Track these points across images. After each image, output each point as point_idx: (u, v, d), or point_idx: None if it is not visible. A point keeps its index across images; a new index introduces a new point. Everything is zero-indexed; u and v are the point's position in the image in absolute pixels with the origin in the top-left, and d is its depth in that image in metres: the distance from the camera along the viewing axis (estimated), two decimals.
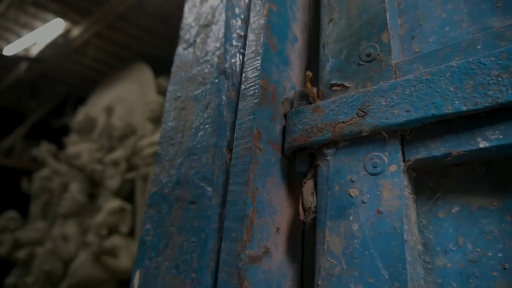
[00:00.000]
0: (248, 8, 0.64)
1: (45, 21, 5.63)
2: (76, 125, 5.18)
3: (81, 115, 5.28)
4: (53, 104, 8.76)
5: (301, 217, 0.45)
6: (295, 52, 0.59)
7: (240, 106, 0.51)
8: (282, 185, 0.50)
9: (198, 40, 0.66)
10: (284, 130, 0.53)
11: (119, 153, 4.49)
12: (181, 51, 0.68)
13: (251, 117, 0.48)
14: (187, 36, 0.69)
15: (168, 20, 5.36)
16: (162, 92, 3.68)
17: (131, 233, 3.83)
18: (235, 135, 0.50)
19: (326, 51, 0.51)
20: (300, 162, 0.49)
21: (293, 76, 0.58)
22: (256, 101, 0.49)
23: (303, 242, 0.52)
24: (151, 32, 5.67)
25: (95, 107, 6.06)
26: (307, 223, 0.45)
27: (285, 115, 0.53)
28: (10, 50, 6.25)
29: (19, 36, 6.09)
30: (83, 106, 6.30)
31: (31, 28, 5.85)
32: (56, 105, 8.77)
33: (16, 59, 6.55)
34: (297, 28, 0.61)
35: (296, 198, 0.52)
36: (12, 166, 6.81)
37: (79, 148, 5.10)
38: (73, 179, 4.86)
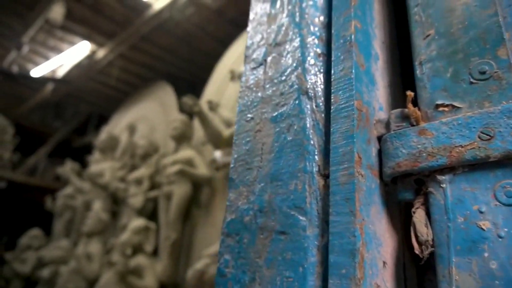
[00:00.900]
0: (324, 26, 0.61)
1: (72, 43, 5.85)
2: (99, 144, 5.26)
3: (104, 133, 5.38)
4: (76, 123, 8.99)
5: (416, 251, 0.41)
6: (378, 71, 0.56)
7: (332, 128, 0.48)
8: (383, 214, 0.46)
9: (269, 60, 0.64)
10: (379, 154, 0.49)
11: (142, 171, 4.52)
12: (249, 71, 0.66)
13: (350, 140, 0.45)
14: (255, 56, 0.67)
15: (190, 40, 5.48)
16: (185, 111, 3.71)
17: (154, 253, 3.80)
18: (331, 160, 0.46)
19: (424, 69, 0.48)
20: (404, 189, 0.45)
21: (379, 96, 0.54)
22: (353, 123, 0.46)
23: (404, 276, 0.47)
24: (173, 52, 5.80)
25: (117, 125, 6.17)
26: (424, 257, 0.41)
27: (378, 138, 0.50)
28: (37, 72, 6.50)
29: (47, 58, 6.34)
30: (106, 125, 6.43)
31: (58, 50, 6.09)
32: (79, 124, 9.00)
33: (43, 81, 6.80)
34: (377, 46, 0.58)
35: (396, 228, 0.48)
36: (36, 185, 6.97)
37: (102, 166, 5.16)
38: (96, 197, 4.90)
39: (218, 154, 3.62)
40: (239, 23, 5.05)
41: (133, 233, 3.51)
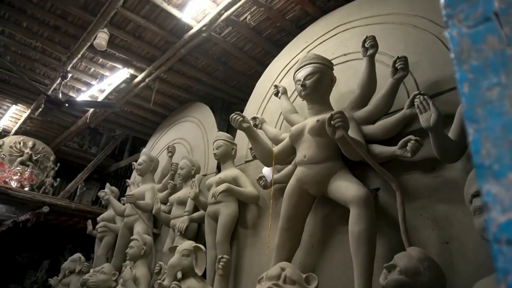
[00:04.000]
0: None
1: (112, 69, 6.00)
2: (138, 166, 5.23)
3: (143, 156, 5.36)
4: (113, 147, 9.17)
5: None
6: None
7: None
8: None
9: (503, 11, 0.49)
10: None
11: (184, 191, 4.42)
12: (467, 30, 0.52)
13: None
14: (471, 11, 0.52)
15: (226, 60, 5.49)
16: (233, 127, 3.63)
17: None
18: None
19: None
20: None
21: None
22: None
23: None
24: (209, 73, 5.82)
25: (156, 147, 6.18)
26: None
27: None
28: (80, 99, 6.68)
29: (88, 85, 6.53)
30: (144, 147, 6.46)
31: (99, 77, 6.26)
32: (116, 148, 9.17)
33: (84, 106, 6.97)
34: None
35: None
36: (76, 209, 7.02)
37: (142, 188, 5.12)
38: (137, 220, 4.83)
39: (267, 171, 3.47)
40: (275, 41, 5.01)
41: (183, 255, 3.36)
